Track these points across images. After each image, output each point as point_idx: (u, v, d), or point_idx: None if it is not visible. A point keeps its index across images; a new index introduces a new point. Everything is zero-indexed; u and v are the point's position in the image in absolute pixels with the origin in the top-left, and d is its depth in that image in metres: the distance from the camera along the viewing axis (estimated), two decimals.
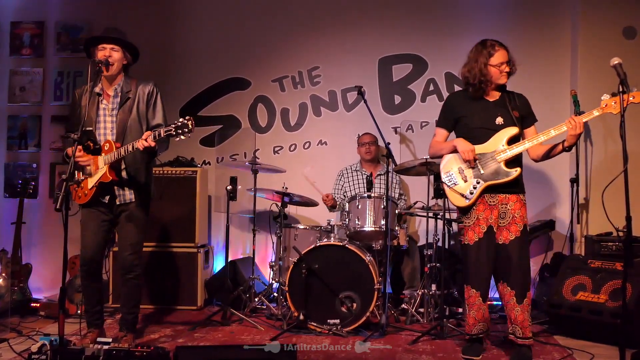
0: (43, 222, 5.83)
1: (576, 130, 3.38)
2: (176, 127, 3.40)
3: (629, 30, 5.21)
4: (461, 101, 3.77)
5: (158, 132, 3.47)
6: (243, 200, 5.58)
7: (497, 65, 3.60)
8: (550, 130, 3.49)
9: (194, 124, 3.42)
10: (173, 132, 3.41)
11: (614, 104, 3.26)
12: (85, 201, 3.73)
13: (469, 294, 3.68)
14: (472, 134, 3.66)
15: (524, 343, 3.57)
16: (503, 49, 3.64)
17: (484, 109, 3.67)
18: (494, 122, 3.62)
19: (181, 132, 3.40)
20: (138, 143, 3.50)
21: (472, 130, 3.67)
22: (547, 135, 3.50)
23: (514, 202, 3.60)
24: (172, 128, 3.41)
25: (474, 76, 3.62)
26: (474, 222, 3.63)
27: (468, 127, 3.70)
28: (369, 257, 4.39)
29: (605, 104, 3.31)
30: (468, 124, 3.70)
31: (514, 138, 3.58)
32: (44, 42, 5.97)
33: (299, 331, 4.23)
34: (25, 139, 5.94)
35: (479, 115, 3.66)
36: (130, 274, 3.81)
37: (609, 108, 3.29)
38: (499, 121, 3.62)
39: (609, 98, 3.29)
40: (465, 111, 3.72)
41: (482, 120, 3.65)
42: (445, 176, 3.71)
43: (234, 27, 5.92)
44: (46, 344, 3.22)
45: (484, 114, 3.66)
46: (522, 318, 3.55)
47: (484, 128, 3.63)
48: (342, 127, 5.79)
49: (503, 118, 3.62)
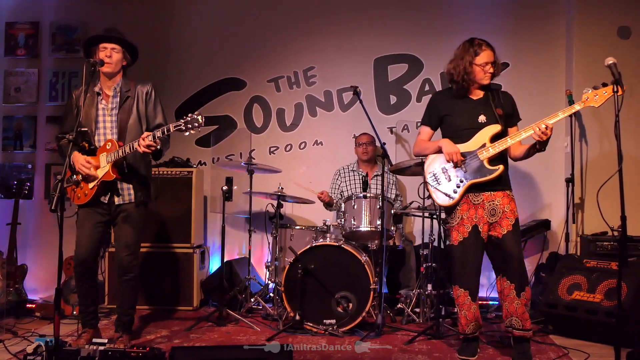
0: (38, 223, 5.81)
1: (542, 137, 3.40)
2: (185, 122, 3.42)
3: (624, 30, 5.23)
4: (446, 100, 3.78)
5: (167, 128, 3.47)
6: (239, 200, 5.57)
7: (481, 64, 3.61)
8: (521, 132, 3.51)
9: (204, 119, 3.45)
10: (183, 126, 3.42)
11: (596, 97, 3.28)
12: (86, 201, 3.72)
13: (457, 293, 3.69)
14: (456, 133, 3.68)
15: (522, 335, 3.54)
16: (489, 49, 3.64)
17: (467, 107, 3.69)
18: (477, 121, 3.64)
19: (191, 127, 3.42)
20: (138, 147, 3.50)
21: (456, 130, 3.69)
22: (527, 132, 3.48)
23: (501, 197, 3.60)
24: (181, 123, 3.42)
25: (458, 73, 3.64)
26: (458, 222, 3.64)
27: (452, 126, 3.72)
28: (365, 257, 4.39)
29: (586, 97, 3.32)
30: (452, 123, 3.72)
31: (497, 136, 3.59)
32: (39, 42, 5.95)
33: (295, 331, 4.23)
34: (20, 139, 5.92)
35: (462, 114, 3.68)
36: (127, 275, 3.80)
37: (590, 101, 3.31)
38: (482, 119, 3.63)
39: (590, 92, 3.31)
40: (449, 110, 3.73)
41: (465, 120, 3.67)
42: (429, 176, 3.72)
43: (229, 27, 5.91)
44: (42, 345, 3.22)
45: (467, 113, 3.67)
46: (522, 310, 3.54)
47: (468, 127, 3.65)
48: (337, 127, 5.79)
49: (486, 116, 3.63)
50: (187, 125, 3.42)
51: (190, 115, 3.42)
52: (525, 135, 3.50)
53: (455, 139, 3.66)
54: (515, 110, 3.77)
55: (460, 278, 3.68)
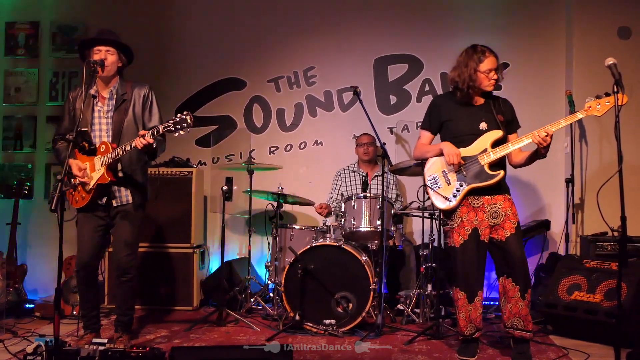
0: (38, 222, 5.80)
1: (542, 144, 3.41)
2: (175, 123, 3.39)
3: (624, 31, 5.23)
4: (447, 105, 3.76)
5: (156, 129, 3.46)
6: (239, 200, 5.57)
7: (485, 71, 3.58)
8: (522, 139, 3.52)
9: (192, 118, 3.41)
10: (172, 127, 3.40)
11: (598, 107, 3.30)
12: (83, 204, 3.72)
13: (457, 296, 3.69)
14: (457, 138, 3.67)
15: (522, 335, 3.57)
16: (493, 55, 3.61)
17: (469, 114, 3.67)
18: (478, 128, 3.63)
19: (180, 127, 3.39)
20: (136, 142, 3.49)
21: (457, 135, 3.68)
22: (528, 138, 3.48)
23: (502, 201, 3.61)
24: (170, 124, 3.40)
25: (463, 81, 3.60)
26: (459, 224, 3.64)
27: (453, 132, 3.70)
28: (365, 257, 4.39)
29: (589, 106, 3.32)
30: (453, 128, 3.71)
31: (498, 141, 3.59)
32: (39, 42, 5.95)
33: (294, 332, 4.23)
34: (20, 139, 5.92)
35: (464, 120, 3.67)
36: (125, 276, 3.80)
37: (593, 110, 3.31)
38: (483, 126, 3.63)
39: (593, 101, 3.32)
40: (450, 115, 3.72)
41: (466, 126, 3.66)
42: (429, 179, 3.73)
43: (229, 27, 5.91)
44: (41, 345, 3.23)
45: (468, 119, 3.66)
46: (526, 312, 3.56)
47: (469, 134, 3.64)
48: (337, 127, 5.79)
49: (487, 123, 3.62)
50: (176, 126, 3.39)
51: (180, 115, 3.39)
52: (526, 142, 3.50)
53: (455, 144, 3.65)
54: (515, 117, 3.76)
55: (460, 280, 3.68)
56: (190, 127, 3.41)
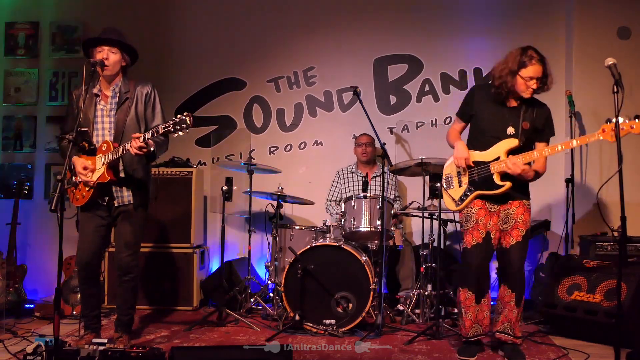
0: (38, 222, 5.80)
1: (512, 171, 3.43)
2: (174, 124, 3.37)
3: (624, 31, 5.23)
4: (482, 97, 3.66)
5: (155, 130, 3.43)
6: (239, 200, 5.57)
7: (526, 78, 3.44)
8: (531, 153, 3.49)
9: (192, 119, 3.39)
10: (171, 128, 3.38)
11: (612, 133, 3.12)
12: (83, 203, 3.71)
13: (465, 296, 3.69)
14: (481, 136, 3.64)
15: (514, 342, 3.64)
16: (539, 64, 3.44)
17: (499, 115, 3.58)
18: (504, 131, 3.54)
19: (179, 128, 3.36)
20: (130, 148, 3.46)
21: (482, 133, 3.64)
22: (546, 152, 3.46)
23: (517, 207, 3.61)
24: (170, 125, 3.39)
25: (499, 77, 3.49)
26: (473, 225, 3.64)
27: (479, 128, 3.67)
28: (365, 257, 4.39)
29: (603, 129, 3.17)
30: (479, 125, 3.66)
31: (514, 151, 3.52)
32: (39, 42, 5.94)
33: (294, 332, 4.23)
34: (20, 139, 5.92)
35: (491, 121, 3.59)
36: (127, 276, 3.79)
37: (607, 135, 3.15)
38: (510, 131, 3.54)
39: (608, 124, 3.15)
40: (481, 110, 3.65)
41: (493, 127, 3.58)
42: (444, 178, 3.77)
43: (229, 27, 5.91)
44: (41, 345, 3.22)
45: (497, 120, 3.57)
46: (516, 319, 3.64)
47: (493, 136, 3.57)
48: (337, 127, 5.79)
49: (514, 128, 3.53)
50: (176, 127, 3.37)
51: (179, 116, 3.37)
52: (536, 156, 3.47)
53: (478, 141, 3.63)
54: (548, 125, 3.61)
55: (471, 281, 3.68)
56: (189, 128, 3.39)
